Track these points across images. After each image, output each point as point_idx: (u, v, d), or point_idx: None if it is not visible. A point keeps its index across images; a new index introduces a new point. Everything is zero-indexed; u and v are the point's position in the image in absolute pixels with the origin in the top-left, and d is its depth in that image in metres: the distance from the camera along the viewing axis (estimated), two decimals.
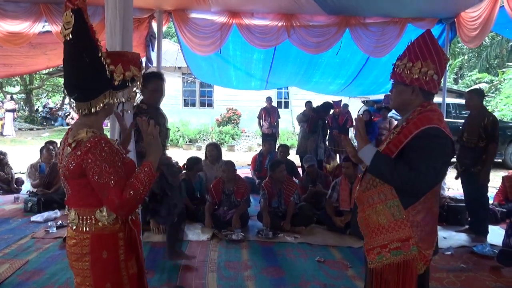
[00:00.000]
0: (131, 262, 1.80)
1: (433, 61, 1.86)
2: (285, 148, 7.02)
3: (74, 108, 1.75)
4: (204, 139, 15.35)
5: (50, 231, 4.72)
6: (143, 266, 1.92)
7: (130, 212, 1.71)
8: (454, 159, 4.84)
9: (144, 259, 1.99)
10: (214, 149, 6.37)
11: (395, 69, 1.97)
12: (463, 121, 5.47)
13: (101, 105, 1.71)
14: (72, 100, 1.74)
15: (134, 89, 1.80)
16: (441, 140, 1.81)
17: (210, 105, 16.74)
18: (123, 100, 1.79)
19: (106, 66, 1.69)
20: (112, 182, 1.61)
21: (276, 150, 7.71)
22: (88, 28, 1.69)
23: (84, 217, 1.72)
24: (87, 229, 1.71)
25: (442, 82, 7.41)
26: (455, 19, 6.36)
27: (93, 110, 1.71)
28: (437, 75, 1.88)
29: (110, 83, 1.71)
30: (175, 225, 3.79)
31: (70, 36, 1.65)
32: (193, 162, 5.85)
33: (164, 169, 3.53)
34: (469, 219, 5.09)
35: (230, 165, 5.19)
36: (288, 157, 7.09)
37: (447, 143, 1.83)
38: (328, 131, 9.02)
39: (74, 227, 1.75)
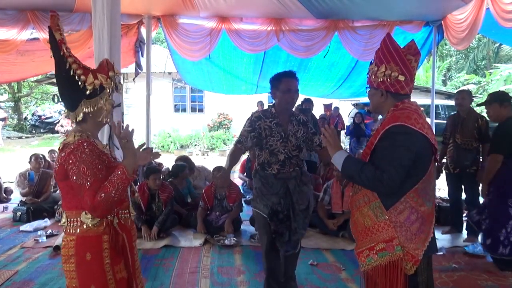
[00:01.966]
0: (118, 266, 1.82)
1: (396, 63, 1.91)
2: None
3: (67, 116, 1.87)
4: (195, 145, 15.31)
5: (40, 241, 4.65)
6: (135, 273, 1.93)
7: (104, 213, 1.74)
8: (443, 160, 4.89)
9: (137, 266, 1.99)
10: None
11: (367, 74, 2.05)
12: None
13: (81, 114, 1.80)
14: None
15: (106, 96, 1.83)
16: (404, 136, 1.84)
17: (201, 110, 16.69)
18: (94, 108, 1.81)
19: (77, 77, 1.76)
20: (88, 183, 1.69)
21: None
22: (57, 44, 1.80)
23: (71, 219, 1.79)
24: (73, 231, 1.78)
25: (431, 84, 7.51)
26: (442, 22, 6.44)
27: (78, 119, 1.83)
28: (403, 76, 1.91)
29: (83, 93, 1.79)
30: (290, 257, 3.11)
31: (51, 52, 1.81)
32: (177, 169, 5.83)
33: (291, 185, 2.98)
34: (450, 217, 5.10)
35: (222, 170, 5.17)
36: None
37: (411, 138, 1.84)
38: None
39: (64, 230, 1.83)
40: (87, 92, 1.77)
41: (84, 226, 1.76)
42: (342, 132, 11.01)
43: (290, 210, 2.96)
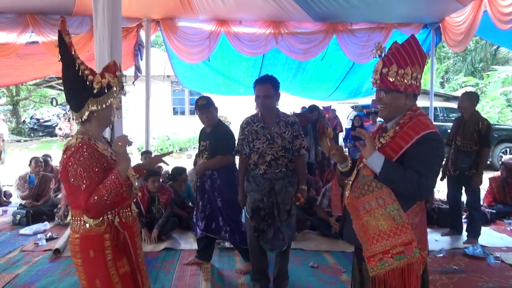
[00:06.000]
0: (121, 262, 1.91)
1: (419, 64, 1.91)
2: None
3: (72, 117, 1.93)
4: (194, 147, 15.30)
5: (40, 244, 4.64)
6: (139, 266, 2.02)
7: (96, 215, 1.81)
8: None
9: (141, 259, 2.08)
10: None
11: (386, 77, 1.90)
12: (450, 124, 5.47)
13: (87, 113, 1.86)
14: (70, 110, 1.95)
15: (114, 94, 1.90)
16: (438, 143, 1.87)
17: None
18: (102, 106, 1.87)
19: (85, 77, 1.84)
20: (84, 186, 1.76)
21: None
22: (67, 46, 1.87)
23: (76, 218, 1.88)
24: (77, 229, 1.87)
25: (429, 86, 7.56)
26: (440, 24, 6.47)
27: (82, 119, 1.88)
28: (421, 78, 1.95)
29: (90, 92, 1.85)
30: (282, 256, 3.30)
31: (59, 55, 1.88)
32: (176, 172, 5.83)
33: (278, 186, 3.08)
34: (449, 219, 5.10)
35: None
36: None
37: (441, 146, 1.90)
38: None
39: (70, 227, 1.92)
40: (94, 91, 1.84)
41: (87, 226, 1.84)
42: (341, 135, 11.01)
43: (275, 208, 3.09)
